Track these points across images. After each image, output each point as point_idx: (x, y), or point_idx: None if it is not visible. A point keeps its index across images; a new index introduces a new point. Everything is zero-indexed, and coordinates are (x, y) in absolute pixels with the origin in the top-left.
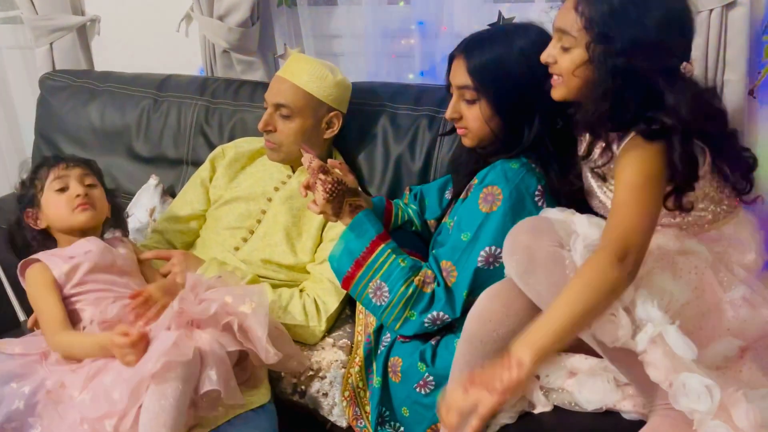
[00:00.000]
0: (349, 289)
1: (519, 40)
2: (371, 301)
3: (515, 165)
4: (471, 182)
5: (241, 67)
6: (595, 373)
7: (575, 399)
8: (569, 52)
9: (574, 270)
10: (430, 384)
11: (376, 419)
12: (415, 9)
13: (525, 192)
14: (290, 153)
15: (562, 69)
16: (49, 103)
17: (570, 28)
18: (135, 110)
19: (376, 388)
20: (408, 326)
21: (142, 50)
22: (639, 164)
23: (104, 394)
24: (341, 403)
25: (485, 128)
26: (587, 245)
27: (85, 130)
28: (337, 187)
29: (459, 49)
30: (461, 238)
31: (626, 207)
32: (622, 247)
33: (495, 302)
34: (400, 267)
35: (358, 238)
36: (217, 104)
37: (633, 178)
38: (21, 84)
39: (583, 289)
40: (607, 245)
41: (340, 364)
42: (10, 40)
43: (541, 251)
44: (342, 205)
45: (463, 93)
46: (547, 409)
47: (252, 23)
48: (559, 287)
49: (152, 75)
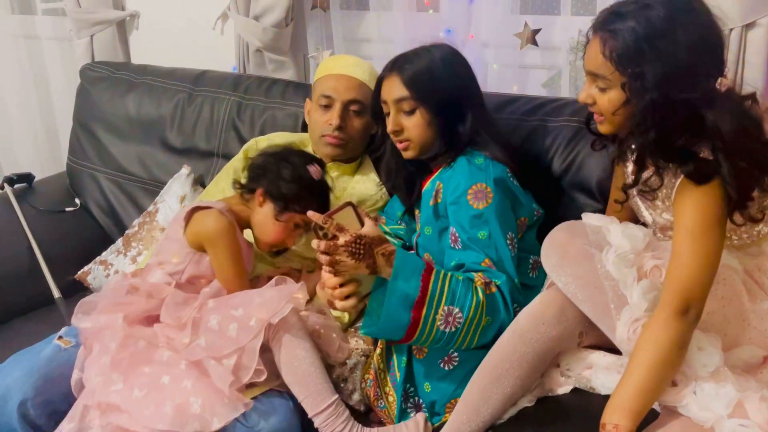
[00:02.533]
0: (414, 336)
1: (437, 51)
2: (444, 332)
3: (479, 160)
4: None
5: (273, 66)
6: (611, 369)
7: (592, 383)
8: (606, 93)
9: (607, 273)
10: (455, 360)
11: (401, 396)
12: (444, 17)
13: (503, 175)
14: (356, 149)
15: (603, 110)
16: (88, 93)
17: (601, 71)
18: (170, 103)
19: (402, 366)
20: (488, 333)
21: (179, 46)
22: (696, 210)
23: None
24: (360, 385)
25: (427, 132)
26: (619, 255)
27: (121, 119)
28: (360, 243)
29: (388, 70)
30: (479, 238)
31: (687, 256)
32: (684, 301)
33: (551, 307)
34: (460, 283)
35: (407, 280)
36: (249, 100)
37: (692, 224)
38: (58, 74)
39: (654, 348)
40: (671, 302)
41: (360, 352)
42: (50, 31)
43: (573, 248)
44: (375, 260)
45: (401, 105)
46: (566, 390)
47: (286, 24)
48: (585, 280)
49: (188, 70)
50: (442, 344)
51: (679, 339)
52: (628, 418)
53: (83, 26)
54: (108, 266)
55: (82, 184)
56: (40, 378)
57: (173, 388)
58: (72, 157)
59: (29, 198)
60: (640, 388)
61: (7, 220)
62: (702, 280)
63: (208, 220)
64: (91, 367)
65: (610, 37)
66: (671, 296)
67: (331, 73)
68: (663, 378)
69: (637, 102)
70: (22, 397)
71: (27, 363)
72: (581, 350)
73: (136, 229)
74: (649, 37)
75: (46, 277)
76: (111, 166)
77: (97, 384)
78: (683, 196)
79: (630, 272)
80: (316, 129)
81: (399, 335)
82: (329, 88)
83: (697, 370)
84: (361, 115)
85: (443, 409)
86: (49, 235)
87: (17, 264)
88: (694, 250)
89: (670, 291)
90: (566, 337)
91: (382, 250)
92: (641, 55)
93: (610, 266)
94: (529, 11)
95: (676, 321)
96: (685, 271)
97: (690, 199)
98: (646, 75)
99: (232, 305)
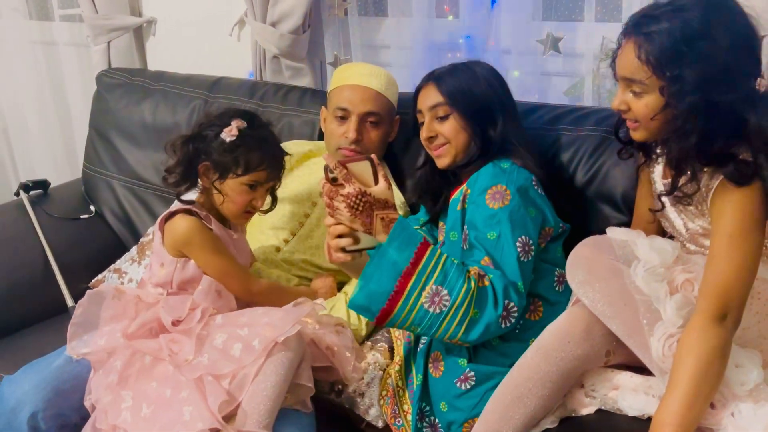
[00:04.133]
0: (395, 308)
1: (472, 64)
2: (428, 311)
3: (506, 165)
4: (465, 192)
5: (290, 73)
6: (638, 390)
7: (618, 405)
8: (642, 98)
9: (637, 288)
10: (471, 379)
11: (416, 415)
12: (464, 23)
13: (525, 182)
14: None
15: (639, 115)
16: (104, 99)
17: (637, 75)
18: (186, 109)
19: (418, 384)
20: (474, 329)
21: (195, 52)
22: (735, 212)
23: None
24: (378, 402)
25: (461, 136)
26: (648, 270)
27: (137, 126)
28: (361, 199)
29: (424, 81)
30: (488, 237)
31: (724, 260)
32: (721, 307)
33: (577, 325)
34: (454, 266)
35: (400, 248)
36: (265, 107)
37: (731, 227)
38: (75, 80)
39: (695, 359)
40: (707, 308)
41: (378, 366)
42: (67, 37)
43: (599, 264)
44: (372, 220)
45: (436, 111)
46: (591, 411)
47: (303, 31)
48: (614, 297)
49: (204, 76)
50: (424, 327)
51: (720, 346)
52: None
53: (100, 32)
54: (122, 274)
55: (97, 191)
56: (51, 390)
57: (172, 400)
58: (87, 163)
59: (44, 205)
60: (687, 402)
61: (22, 226)
62: (740, 284)
63: (177, 225)
64: (98, 388)
65: (645, 41)
66: (708, 302)
67: (347, 84)
68: (708, 390)
69: (676, 106)
70: (33, 409)
71: (38, 375)
72: (607, 370)
73: (150, 237)
74: (687, 38)
75: (59, 284)
76: (126, 173)
77: (107, 404)
78: (722, 198)
79: (661, 287)
80: (332, 140)
81: (380, 303)
82: (345, 99)
83: (734, 388)
84: (377, 126)
85: (460, 429)
86: (64, 242)
87: (31, 271)
88: (732, 254)
89: (706, 296)
90: (592, 356)
91: (383, 214)
92: (680, 57)
93: (639, 282)
94: (552, 17)
95: (714, 328)
96: (722, 276)
97: (729, 201)
98: (685, 78)
99: (239, 324)
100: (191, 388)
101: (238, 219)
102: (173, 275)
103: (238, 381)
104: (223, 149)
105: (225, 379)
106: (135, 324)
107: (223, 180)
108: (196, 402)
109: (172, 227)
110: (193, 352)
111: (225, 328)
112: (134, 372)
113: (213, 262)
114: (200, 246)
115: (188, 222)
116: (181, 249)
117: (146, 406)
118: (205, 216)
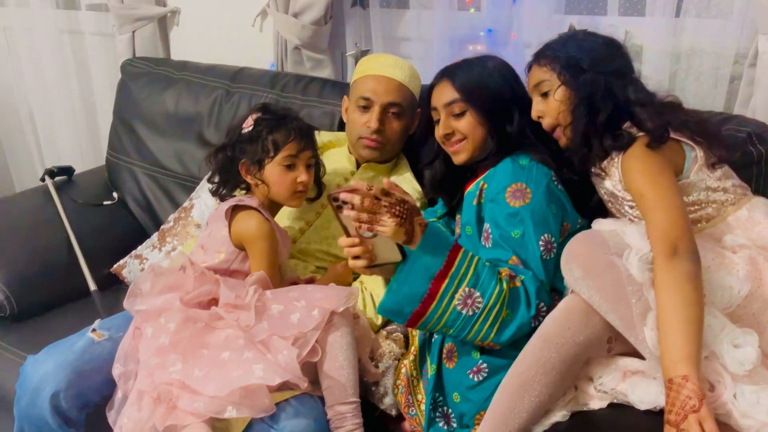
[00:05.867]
0: (428, 310)
1: (485, 59)
2: (460, 313)
3: (524, 161)
4: (481, 186)
5: (311, 64)
6: (647, 375)
7: (629, 399)
8: (551, 96)
9: (630, 277)
10: (484, 371)
11: (430, 404)
12: (486, 16)
13: (545, 177)
14: (393, 150)
15: (551, 112)
16: (128, 88)
17: (543, 77)
18: (208, 99)
19: (432, 375)
20: (506, 330)
21: (218, 42)
22: (638, 171)
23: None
24: (393, 391)
25: (478, 131)
26: (641, 257)
27: (160, 115)
28: (404, 208)
29: (437, 78)
30: (512, 236)
31: (651, 211)
32: (669, 244)
33: (576, 312)
34: (486, 268)
35: (434, 252)
36: (286, 98)
37: (640, 184)
38: (100, 68)
39: (669, 294)
40: (659, 250)
41: (393, 356)
42: (93, 26)
43: (595, 260)
44: (413, 227)
45: (452, 108)
46: (601, 406)
47: (325, 22)
48: (609, 292)
49: (226, 66)
50: (456, 329)
51: (684, 273)
52: (690, 366)
53: (125, 22)
54: (143, 260)
55: (120, 178)
56: (73, 371)
57: (234, 362)
58: (111, 151)
59: (69, 191)
60: (683, 334)
61: (47, 211)
62: (673, 218)
63: (252, 223)
64: (147, 350)
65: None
66: (656, 245)
67: (371, 74)
68: (696, 317)
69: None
70: (55, 389)
71: (60, 355)
72: (611, 358)
73: (172, 224)
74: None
75: (82, 269)
76: (148, 161)
77: (155, 366)
78: (624, 167)
79: (650, 275)
80: (354, 130)
81: (412, 306)
82: (368, 89)
83: (733, 367)
84: (399, 117)
85: (472, 421)
86: (87, 227)
87: (55, 255)
88: (654, 200)
89: (653, 242)
90: (594, 342)
91: (419, 220)
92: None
93: (634, 270)
94: (575, 11)
95: (671, 262)
96: (657, 222)
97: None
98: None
99: (293, 297)
100: (254, 350)
101: (291, 201)
102: (231, 264)
103: (301, 344)
104: (249, 142)
105: (288, 341)
106: (192, 294)
107: (262, 169)
108: (266, 361)
109: (244, 221)
110: (253, 320)
111: (279, 300)
112: (186, 337)
113: (264, 264)
114: (263, 250)
115: (265, 227)
116: (245, 242)
117: (198, 369)
118: (268, 215)
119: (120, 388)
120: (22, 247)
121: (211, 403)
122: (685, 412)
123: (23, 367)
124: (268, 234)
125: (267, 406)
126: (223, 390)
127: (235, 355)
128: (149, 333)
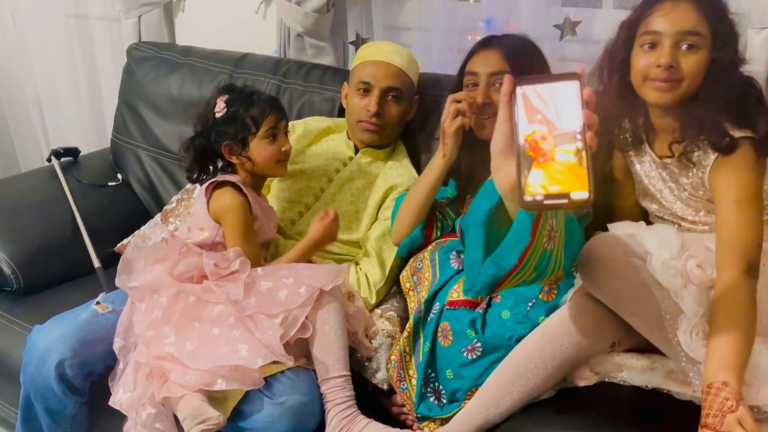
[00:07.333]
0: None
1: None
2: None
3: None
4: None
5: (313, 51)
6: (645, 370)
7: (623, 375)
8: (696, 53)
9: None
10: (478, 350)
11: (422, 380)
12: (484, 6)
13: None
14: (391, 135)
15: (686, 72)
16: (134, 72)
17: (699, 28)
18: (211, 84)
19: (425, 351)
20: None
21: (222, 29)
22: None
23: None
24: (386, 366)
25: None
26: (664, 263)
27: (164, 99)
28: None
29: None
30: None
31: (736, 224)
32: (746, 262)
33: (588, 319)
34: None
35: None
36: (288, 84)
37: (737, 193)
38: (106, 52)
39: (735, 306)
40: (734, 264)
41: (386, 333)
42: (99, 11)
43: (618, 262)
44: None
45: (498, 78)
46: (589, 383)
47: (327, 10)
48: (634, 293)
49: (230, 52)
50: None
51: (752, 295)
52: (732, 375)
53: (131, 7)
54: (146, 240)
55: (124, 160)
56: (77, 340)
57: (223, 339)
58: (116, 133)
59: (75, 171)
60: (735, 345)
61: (53, 191)
62: (757, 239)
63: (225, 197)
64: (141, 323)
65: None
66: (733, 259)
67: (371, 60)
68: (750, 334)
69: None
70: (60, 357)
71: (66, 325)
72: (612, 354)
73: (174, 205)
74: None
75: (87, 247)
76: (152, 143)
77: (150, 338)
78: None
79: (676, 280)
80: (353, 114)
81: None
82: (368, 74)
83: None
84: (398, 102)
85: (464, 396)
86: (92, 207)
87: (61, 234)
88: (743, 215)
89: (730, 255)
90: (598, 346)
91: None
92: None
93: (658, 276)
94: (571, 3)
95: (746, 280)
96: (740, 235)
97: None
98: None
99: (282, 275)
100: (242, 328)
101: (277, 170)
102: (213, 239)
103: (289, 323)
104: (227, 123)
105: (276, 318)
106: (179, 267)
107: (247, 146)
108: (252, 341)
109: (219, 197)
110: (242, 295)
111: (269, 277)
112: (178, 310)
113: (237, 237)
114: (234, 223)
115: (236, 200)
116: (219, 217)
117: (190, 343)
118: (248, 191)
119: (121, 360)
120: (28, 224)
121: (202, 376)
122: (723, 413)
123: (30, 336)
124: (239, 207)
125: (256, 379)
126: (211, 365)
127: (225, 331)
128: (142, 308)
